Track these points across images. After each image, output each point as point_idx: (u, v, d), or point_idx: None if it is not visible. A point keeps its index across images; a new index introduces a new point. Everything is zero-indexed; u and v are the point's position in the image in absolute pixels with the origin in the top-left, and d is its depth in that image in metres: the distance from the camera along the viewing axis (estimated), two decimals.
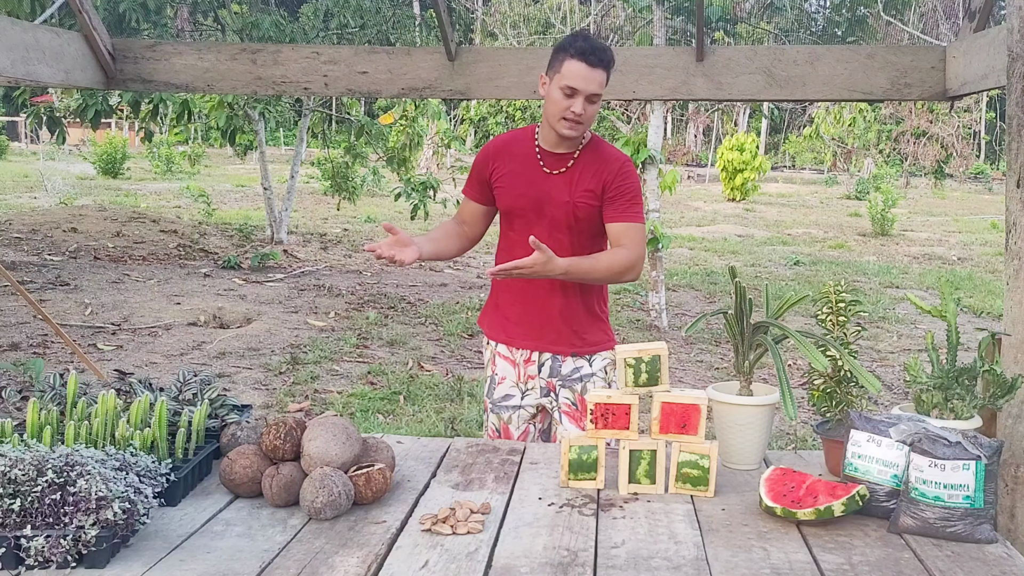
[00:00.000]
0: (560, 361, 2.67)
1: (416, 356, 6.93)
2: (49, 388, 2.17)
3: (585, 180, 2.57)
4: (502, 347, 2.74)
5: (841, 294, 2.21)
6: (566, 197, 2.56)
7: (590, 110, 2.48)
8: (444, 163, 23.51)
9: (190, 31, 9.46)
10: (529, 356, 2.69)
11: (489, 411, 2.78)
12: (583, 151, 2.60)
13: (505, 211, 2.67)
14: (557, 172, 2.58)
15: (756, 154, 22.90)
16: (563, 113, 2.46)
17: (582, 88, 2.42)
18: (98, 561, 1.62)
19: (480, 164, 2.70)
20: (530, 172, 2.60)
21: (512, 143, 2.67)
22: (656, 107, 8.35)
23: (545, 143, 2.60)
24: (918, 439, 1.84)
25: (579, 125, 2.48)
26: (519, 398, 2.72)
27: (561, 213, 2.57)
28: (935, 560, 1.71)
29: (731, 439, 2.18)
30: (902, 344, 7.82)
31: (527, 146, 2.63)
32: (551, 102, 2.49)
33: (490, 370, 2.78)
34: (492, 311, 2.78)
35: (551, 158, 2.59)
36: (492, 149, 2.70)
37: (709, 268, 11.91)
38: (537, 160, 2.60)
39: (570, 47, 2.45)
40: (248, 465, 1.93)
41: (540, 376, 2.69)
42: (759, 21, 10.89)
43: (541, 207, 2.58)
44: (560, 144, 2.57)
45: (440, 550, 1.72)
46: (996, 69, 2.72)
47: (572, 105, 2.44)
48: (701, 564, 1.68)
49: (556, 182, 2.58)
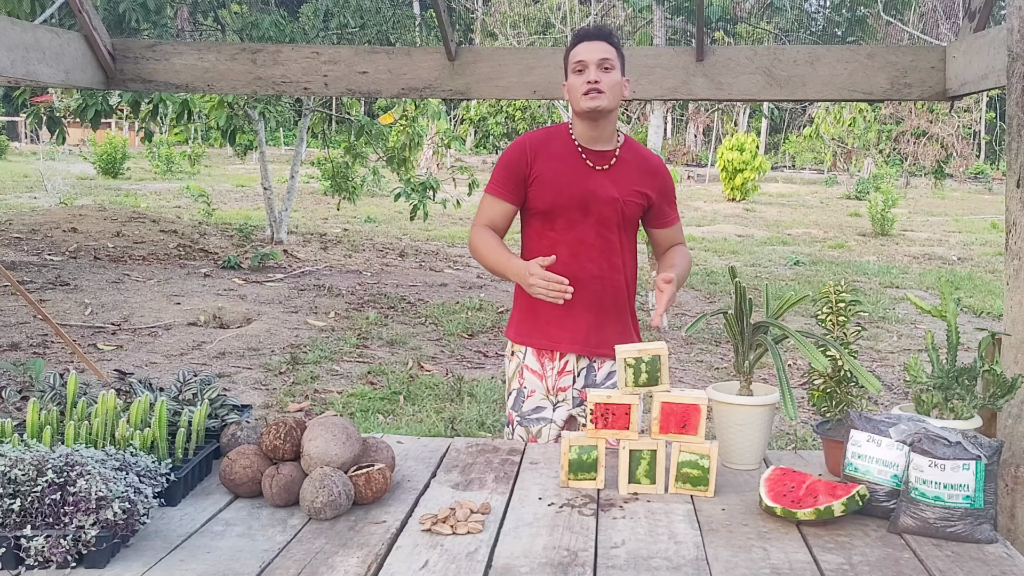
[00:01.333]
0: (595, 369, 2.63)
1: (416, 356, 6.93)
2: (49, 388, 2.17)
3: (632, 179, 2.56)
4: (531, 359, 2.64)
5: (841, 294, 2.21)
6: (614, 194, 2.53)
7: (606, 78, 2.47)
8: (444, 163, 23.53)
9: (190, 31, 9.46)
10: (564, 366, 2.61)
11: (516, 424, 2.67)
12: (623, 149, 2.59)
13: (545, 210, 2.55)
14: (601, 168, 2.55)
15: (756, 154, 22.89)
16: (582, 88, 2.46)
17: (588, 58, 2.47)
18: (98, 561, 1.61)
19: (515, 162, 2.57)
20: (574, 168, 2.54)
21: (549, 140, 2.59)
22: (656, 107, 8.36)
23: (583, 140, 2.56)
24: (918, 439, 1.84)
25: (600, 94, 2.46)
26: (551, 410, 2.64)
27: (609, 210, 2.53)
28: (935, 560, 1.71)
29: (731, 439, 2.18)
30: (902, 344, 7.81)
31: (566, 143, 2.57)
32: (571, 90, 2.51)
33: (517, 383, 2.67)
34: (525, 316, 2.65)
35: (593, 154, 2.56)
36: (528, 146, 2.58)
37: (709, 268, 11.90)
38: (580, 156, 2.55)
39: (570, 43, 2.57)
40: (248, 465, 1.93)
41: (574, 387, 2.62)
42: (759, 21, 10.89)
43: (587, 205, 2.53)
44: (598, 138, 2.55)
45: (440, 550, 1.72)
46: (996, 69, 2.72)
47: (586, 77, 2.46)
48: (701, 564, 1.68)
49: (601, 179, 2.54)
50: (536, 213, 2.58)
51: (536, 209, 2.57)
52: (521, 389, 2.66)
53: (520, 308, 2.67)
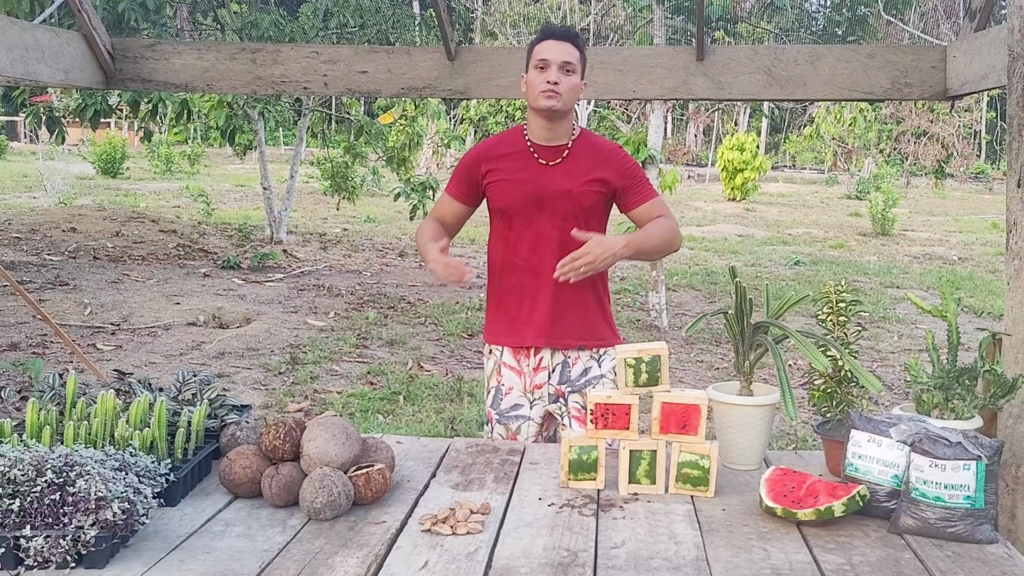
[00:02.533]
0: (570, 366, 2.65)
1: (416, 356, 6.92)
2: (48, 388, 2.16)
3: (585, 169, 2.58)
4: (508, 356, 2.68)
5: (841, 294, 2.21)
6: (567, 186, 2.56)
7: (566, 81, 2.50)
8: (444, 163, 23.53)
9: (189, 30, 9.45)
10: (539, 363, 2.65)
11: (495, 422, 2.72)
12: (576, 142, 2.61)
13: (503, 209, 2.63)
14: (554, 163, 2.58)
15: (756, 154, 22.89)
16: (540, 86, 2.49)
17: (552, 57, 2.50)
18: (97, 561, 1.61)
19: (469, 165, 2.67)
20: (526, 167, 2.59)
21: (501, 143, 2.67)
22: (656, 107, 8.35)
23: (535, 137, 2.60)
24: (919, 439, 1.84)
25: (557, 95, 2.49)
26: (528, 408, 2.68)
27: (564, 203, 2.56)
28: (936, 560, 1.70)
29: (731, 439, 2.17)
30: (902, 344, 7.81)
31: (518, 143, 2.63)
32: (530, 86, 2.54)
33: (495, 381, 2.71)
34: (496, 316, 2.71)
35: (545, 150, 2.59)
36: (482, 150, 2.68)
37: (709, 268, 11.90)
38: (531, 154, 2.60)
39: (535, 38, 2.60)
40: (247, 465, 1.93)
41: (549, 383, 2.66)
42: (759, 20, 10.89)
43: (541, 200, 2.57)
44: (551, 136, 2.58)
45: (440, 550, 1.72)
46: (997, 69, 2.72)
47: (547, 76, 2.49)
48: (701, 564, 1.68)
49: (554, 173, 2.58)
50: (496, 212, 2.67)
51: (495, 208, 2.66)
52: (499, 387, 2.71)
53: (490, 308, 2.74)
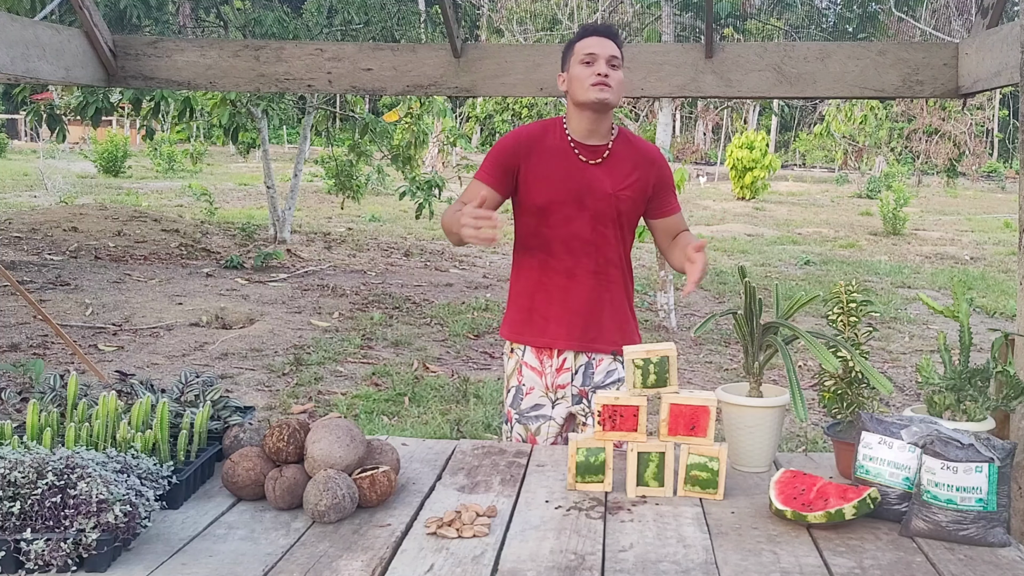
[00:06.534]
0: (593, 367, 2.61)
1: (421, 357, 6.90)
2: (49, 389, 2.15)
3: (625, 172, 2.55)
4: (530, 355, 2.62)
5: (852, 294, 2.19)
6: (608, 189, 2.52)
7: (614, 75, 2.48)
8: (449, 161, 23.49)
9: (192, 27, 9.43)
10: (562, 364, 2.60)
11: (514, 421, 2.65)
12: (616, 142, 2.58)
13: (540, 206, 2.54)
14: (595, 162, 2.54)
15: (766, 152, 22.84)
16: (590, 79, 2.45)
17: (600, 52, 2.47)
18: (99, 565, 1.60)
19: (507, 152, 2.55)
20: (567, 163, 2.53)
21: (543, 135, 2.58)
22: (665, 104, 8.32)
23: (577, 134, 2.55)
24: (930, 441, 1.82)
25: (609, 88, 2.46)
26: (550, 407, 2.62)
27: (604, 205, 2.53)
28: (947, 564, 1.69)
29: (740, 441, 2.15)
30: (914, 345, 7.77)
31: (559, 138, 2.56)
32: (576, 80, 2.49)
33: (515, 380, 2.65)
34: (521, 315, 2.63)
35: (586, 149, 2.55)
36: (523, 140, 2.57)
37: (718, 267, 11.87)
38: (573, 151, 2.54)
39: (576, 35, 2.56)
40: (251, 468, 1.91)
41: (572, 384, 2.61)
42: (769, 17, 10.84)
43: (582, 199, 2.52)
44: (593, 133, 2.54)
45: (445, 553, 1.70)
46: (1009, 66, 2.69)
47: (596, 69, 2.46)
48: (710, 568, 1.66)
49: (596, 173, 2.54)
50: (530, 209, 2.57)
51: (530, 205, 2.57)
52: (520, 386, 2.65)
53: (517, 306, 2.66)
